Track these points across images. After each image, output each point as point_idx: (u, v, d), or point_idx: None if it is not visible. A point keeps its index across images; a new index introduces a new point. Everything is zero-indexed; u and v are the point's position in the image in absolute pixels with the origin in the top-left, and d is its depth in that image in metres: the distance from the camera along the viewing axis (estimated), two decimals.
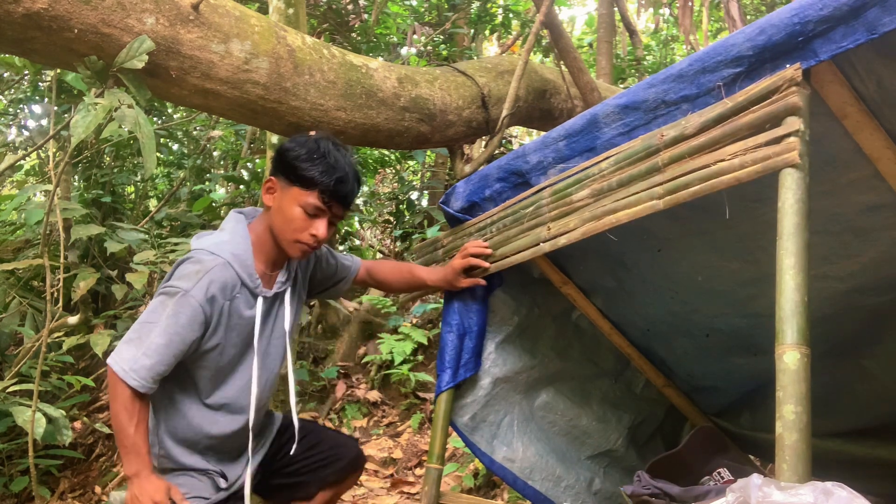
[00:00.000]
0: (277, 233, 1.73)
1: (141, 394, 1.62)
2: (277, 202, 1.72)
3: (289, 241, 1.71)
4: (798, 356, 1.07)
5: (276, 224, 1.72)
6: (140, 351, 1.60)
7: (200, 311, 1.63)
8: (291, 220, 1.69)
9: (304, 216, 1.69)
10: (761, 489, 0.91)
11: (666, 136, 1.38)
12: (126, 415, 1.61)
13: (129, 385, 1.60)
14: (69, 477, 4.11)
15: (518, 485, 2.12)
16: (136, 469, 1.61)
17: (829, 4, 1.13)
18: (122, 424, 1.61)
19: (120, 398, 1.61)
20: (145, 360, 1.60)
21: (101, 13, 2.01)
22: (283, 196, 1.71)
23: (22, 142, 5.54)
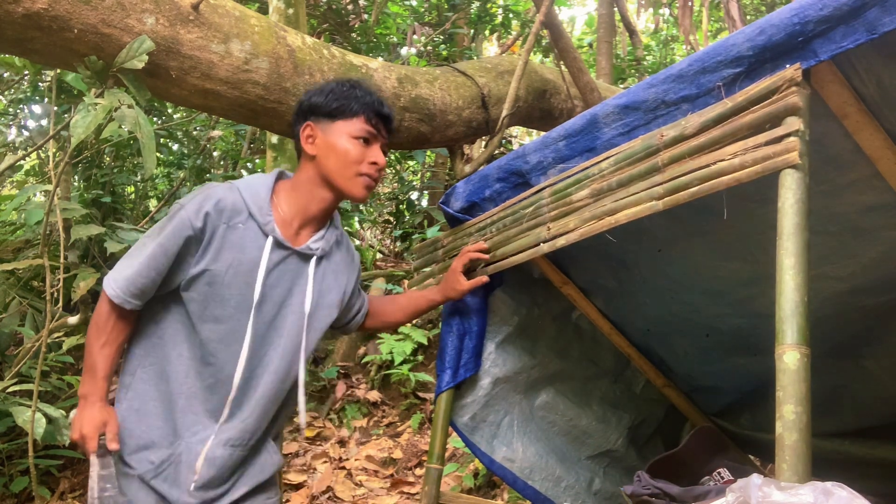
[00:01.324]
0: (334, 175, 1.60)
1: (118, 309, 1.52)
2: (322, 145, 1.61)
3: (350, 177, 1.59)
4: (798, 356, 1.07)
5: (331, 167, 1.60)
6: (125, 264, 1.53)
7: (188, 223, 1.51)
8: (347, 153, 1.59)
9: (359, 145, 1.59)
10: (761, 489, 0.91)
11: (666, 137, 1.38)
12: (95, 330, 1.53)
13: (107, 295, 1.52)
14: (69, 477, 4.11)
15: (518, 485, 2.12)
16: (86, 391, 1.52)
17: (829, 4, 1.13)
18: (90, 340, 1.52)
19: (97, 312, 1.53)
20: (127, 272, 1.51)
21: (101, 13, 2.01)
22: (328, 136, 1.60)
23: (22, 142, 5.54)
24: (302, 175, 1.64)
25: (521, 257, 1.77)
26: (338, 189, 1.62)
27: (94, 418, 1.50)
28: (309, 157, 1.63)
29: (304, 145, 1.63)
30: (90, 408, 1.51)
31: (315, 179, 1.62)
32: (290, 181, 1.65)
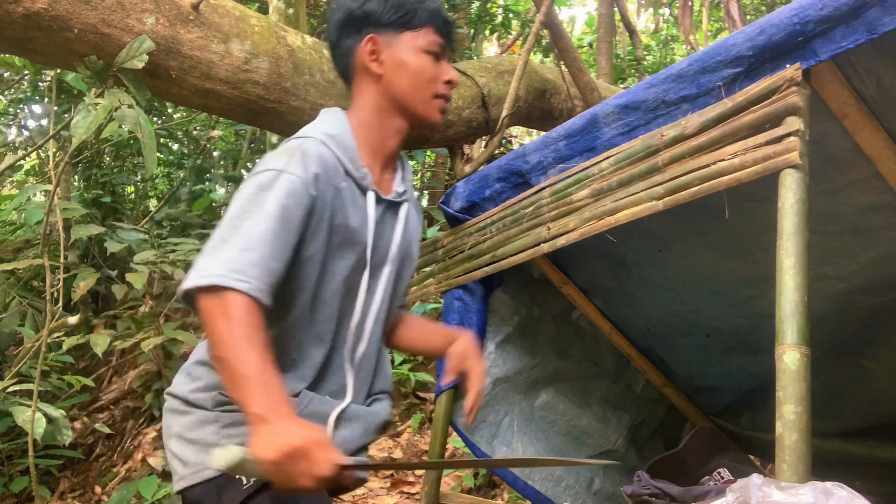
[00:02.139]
0: (408, 98, 1.35)
1: (256, 302, 1.10)
2: (391, 62, 1.34)
3: (426, 99, 1.35)
4: (798, 356, 1.07)
5: (403, 87, 1.34)
6: (237, 247, 1.11)
7: (302, 190, 1.19)
8: (421, 71, 1.34)
9: (432, 61, 1.35)
10: (761, 489, 0.91)
11: (666, 136, 1.38)
12: (241, 333, 1.07)
13: (235, 290, 1.08)
14: (69, 477, 4.11)
15: (518, 485, 2.12)
16: (267, 406, 1.04)
17: (829, 4, 1.13)
18: (236, 349, 1.07)
19: (223, 317, 1.08)
20: (249, 255, 1.11)
21: (101, 13, 2.01)
22: (397, 50, 1.34)
23: (22, 142, 5.54)
24: (367, 104, 1.37)
25: (521, 257, 1.77)
26: (414, 115, 1.36)
27: (309, 436, 1.03)
28: (372, 80, 1.35)
29: (368, 63, 1.34)
30: (286, 425, 1.03)
31: (385, 107, 1.36)
32: (355, 116, 1.37)
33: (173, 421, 1.29)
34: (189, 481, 1.22)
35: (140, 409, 4.38)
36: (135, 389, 4.44)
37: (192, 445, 1.24)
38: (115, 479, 3.96)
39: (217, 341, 1.09)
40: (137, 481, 3.10)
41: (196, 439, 1.24)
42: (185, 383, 1.30)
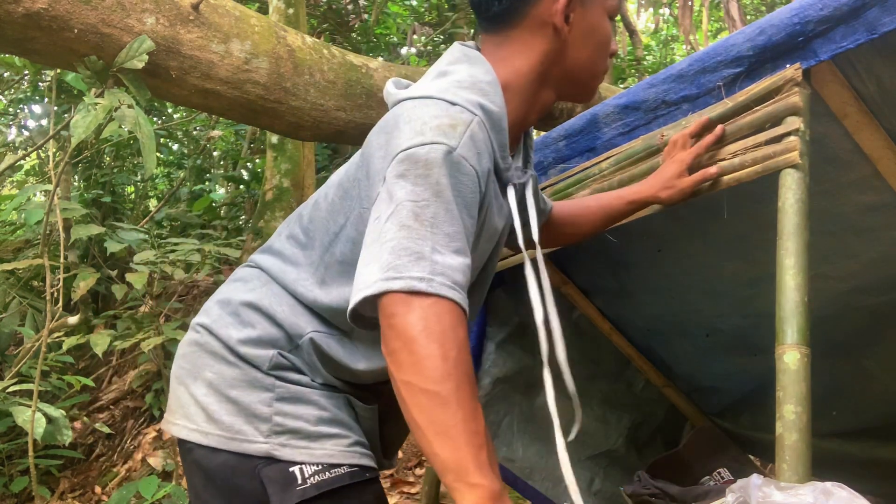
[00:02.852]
0: (584, 65, 1.12)
1: (462, 312, 0.86)
2: (580, 23, 1.09)
3: (601, 72, 1.14)
4: (798, 356, 1.07)
5: (584, 56, 1.11)
6: (420, 245, 0.86)
7: (478, 187, 0.96)
8: (607, 41, 1.13)
9: (610, 28, 1.14)
10: (761, 489, 0.91)
11: (666, 136, 1.38)
12: (461, 362, 0.83)
13: (447, 298, 0.84)
14: (69, 477, 4.11)
15: (518, 485, 2.12)
16: (491, 478, 0.79)
17: (829, 4, 1.13)
18: (457, 387, 0.81)
19: (436, 336, 0.82)
20: (439, 257, 0.86)
21: (101, 13, 2.01)
22: (589, 11, 1.10)
23: (22, 142, 5.54)
24: (529, 67, 1.09)
25: (521, 257, 1.77)
26: (578, 87, 1.15)
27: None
28: (549, 40, 1.09)
29: (558, 20, 1.08)
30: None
31: (550, 74, 1.11)
32: (504, 78, 1.08)
33: (208, 364, 1.08)
34: (214, 442, 1.04)
35: (140, 409, 4.38)
36: (135, 389, 4.44)
37: (230, 405, 1.05)
38: (115, 479, 3.96)
39: (428, 370, 0.80)
40: (137, 481, 3.10)
41: (238, 400, 1.05)
42: (231, 326, 1.09)
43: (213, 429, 1.05)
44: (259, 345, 1.07)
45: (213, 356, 1.09)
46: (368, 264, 0.87)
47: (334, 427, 1.08)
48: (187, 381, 1.10)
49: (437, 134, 0.93)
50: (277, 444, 1.03)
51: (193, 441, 1.06)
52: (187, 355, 1.13)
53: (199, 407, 1.07)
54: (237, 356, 1.07)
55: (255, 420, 1.04)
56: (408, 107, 1.00)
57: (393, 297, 0.84)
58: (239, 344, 1.08)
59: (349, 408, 1.13)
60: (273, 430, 1.04)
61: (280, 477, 1.02)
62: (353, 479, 1.04)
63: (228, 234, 5.44)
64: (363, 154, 1.08)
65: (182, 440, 1.09)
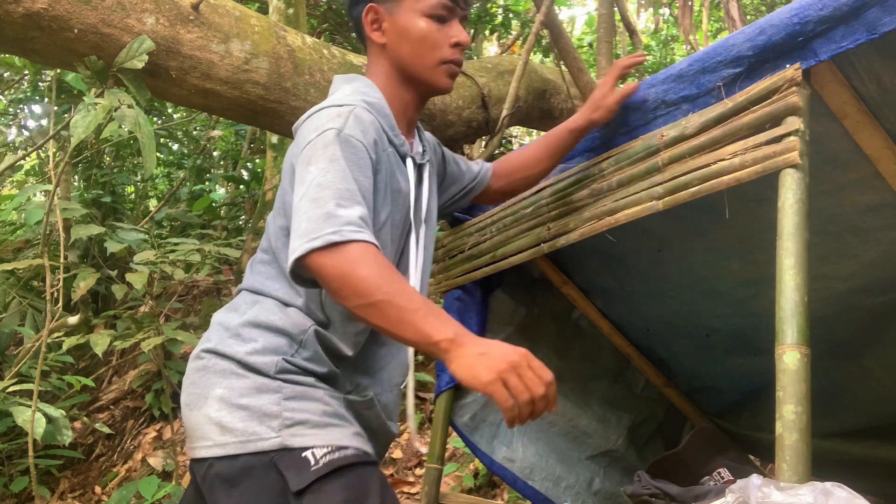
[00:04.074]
0: (411, 65, 1.32)
1: (373, 245, 1.07)
2: (392, 30, 1.32)
3: (430, 66, 1.32)
4: (798, 356, 1.07)
5: (405, 55, 1.32)
6: (327, 207, 1.07)
7: (366, 154, 1.18)
8: (422, 37, 1.30)
9: (435, 25, 1.31)
10: (761, 489, 0.91)
11: (666, 136, 1.38)
12: (389, 272, 1.04)
13: (359, 241, 1.05)
14: (69, 477, 4.11)
15: (518, 485, 2.12)
16: (454, 331, 1.01)
17: (829, 4, 1.13)
18: (393, 286, 1.02)
19: (362, 265, 1.03)
20: (343, 211, 1.07)
21: (101, 13, 2.01)
22: (397, 18, 1.32)
23: (22, 142, 5.54)
24: (379, 74, 1.35)
25: (521, 257, 1.77)
26: (420, 83, 1.34)
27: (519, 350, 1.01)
28: (378, 50, 1.35)
29: (371, 34, 1.34)
30: (487, 343, 1.02)
31: (393, 76, 1.34)
32: (376, 84, 1.35)
33: (217, 382, 1.17)
34: (231, 450, 1.12)
35: (140, 409, 4.38)
36: (135, 389, 4.44)
37: (243, 411, 1.13)
38: (115, 479, 3.97)
39: (366, 288, 1.01)
40: (137, 481, 3.10)
41: (250, 406, 1.14)
42: (236, 344, 1.19)
43: (229, 438, 1.13)
44: (265, 353, 1.18)
45: (222, 374, 1.18)
46: (295, 236, 1.08)
47: (338, 419, 1.18)
48: (198, 405, 1.18)
49: (328, 123, 1.17)
50: (288, 434, 1.12)
51: (213, 456, 1.13)
52: (196, 381, 1.21)
53: (213, 424, 1.15)
54: (245, 367, 1.17)
55: (267, 419, 1.13)
56: (309, 121, 1.23)
57: (318, 254, 1.05)
58: (246, 356, 1.18)
59: (349, 407, 1.25)
60: (283, 423, 1.13)
61: (295, 462, 1.10)
62: (359, 459, 1.14)
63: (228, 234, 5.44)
64: (284, 171, 1.29)
65: (199, 460, 1.16)
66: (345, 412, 1.21)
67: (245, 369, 1.17)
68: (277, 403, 1.14)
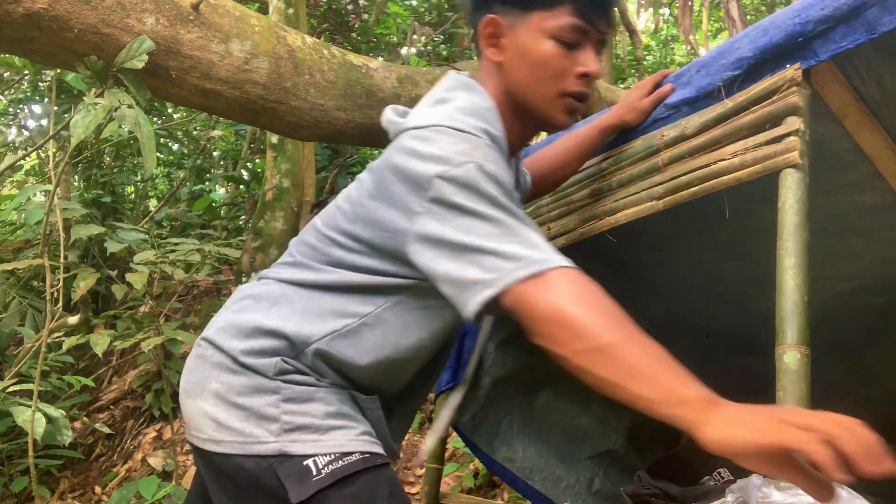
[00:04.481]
0: (526, 92, 1.16)
1: (579, 272, 0.94)
2: (511, 48, 1.15)
3: (548, 97, 1.15)
4: (798, 356, 1.07)
5: (521, 80, 1.15)
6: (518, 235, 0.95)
7: (508, 191, 1.03)
8: (544, 62, 1.13)
9: (561, 50, 1.13)
10: (761, 489, 0.91)
11: (666, 137, 1.38)
12: (613, 309, 0.88)
13: (558, 268, 0.90)
14: (69, 477, 4.11)
15: (518, 485, 2.12)
16: (702, 388, 0.84)
17: (829, 4, 1.13)
18: (621, 331, 0.85)
19: (579, 301, 0.87)
20: (536, 238, 0.96)
21: (101, 13, 2.01)
22: (519, 35, 1.15)
23: (22, 142, 5.54)
24: (490, 92, 1.18)
25: None
26: (533, 114, 1.18)
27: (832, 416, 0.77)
28: (493, 68, 1.19)
29: (487, 50, 1.18)
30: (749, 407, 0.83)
31: (505, 100, 1.18)
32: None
33: (214, 375, 1.11)
34: (229, 449, 1.07)
35: (140, 409, 4.38)
36: (135, 389, 4.44)
37: (240, 411, 1.08)
38: (115, 479, 3.96)
39: (589, 329, 0.84)
40: (137, 481, 3.10)
41: (247, 406, 1.08)
42: (234, 339, 1.12)
43: (226, 436, 1.07)
44: (262, 355, 1.10)
45: (218, 367, 1.12)
46: (479, 271, 0.93)
47: (342, 420, 1.10)
48: (194, 394, 1.13)
49: (463, 156, 1.00)
50: (288, 440, 1.06)
51: (208, 449, 1.09)
52: (193, 369, 1.16)
53: (208, 418, 1.09)
54: (241, 365, 1.10)
55: (265, 422, 1.06)
56: (420, 136, 1.05)
57: (518, 289, 0.89)
58: (242, 354, 1.10)
59: (353, 402, 1.15)
60: (283, 428, 1.06)
61: (295, 471, 1.03)
62: (365, 464, 1.06)
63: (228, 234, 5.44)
64: (377, 182, 1.11)
65: (201, 449, 1.12)
66: (349, 409, 1.13)
67: (240, 367, 1.10)
68: (276, 405, 1.08)
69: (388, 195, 1.06)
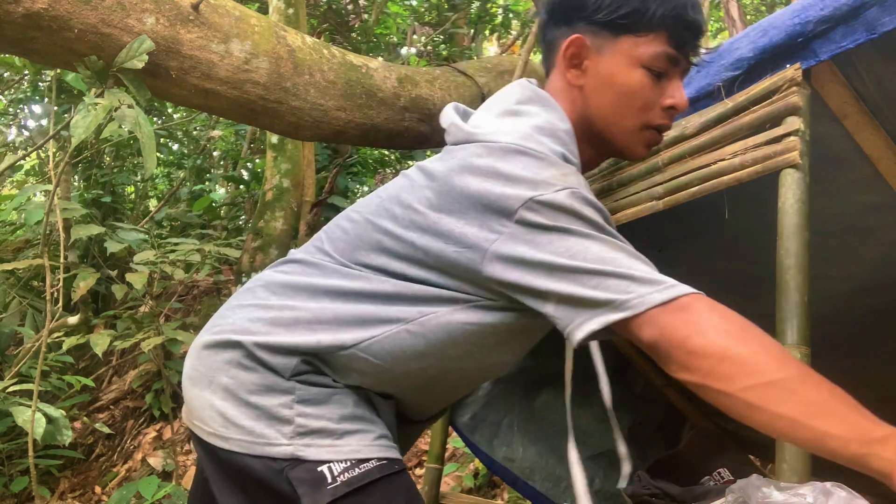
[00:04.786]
0: (606, 120, 1.08)
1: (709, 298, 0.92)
2: (594, 72, 1.07)
3: (630, 128, 1.08)
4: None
5: (603, 108, 1.08)
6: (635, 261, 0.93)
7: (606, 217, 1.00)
8: (633, 92, 1.05)
9: (651, 80, 1.05)
10: (761, 489, 0.91)
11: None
12: (768, 340, 0.84)
13: (692, 293, 0.90)
14: (69, 477, 4.11)
15: (518, 485, 2.12)
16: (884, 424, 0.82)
17: (829, 4, 1.13)
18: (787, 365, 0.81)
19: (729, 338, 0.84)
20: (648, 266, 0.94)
21: (101, 13, 2.01)
22: (605, 59, 1.06)
23: (22, 142, 5.54)
24: (566, 113, 1.10)
25: None
26: (610, 143, 1.11)
27: None
28: (571, 89, 1.10)
29: (568, 71, 1.09)
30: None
31: (579, 124, 1.10)
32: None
33: (224, 369, 1.06)
34: (236, 447, 1.02)
35: (140, 409, 4.38)
36: (135, 389, 4.44)
37: (250, 409, 1.03)
38: (115, 479, 3.97)
39: (753, 366, 0.79)
40: (137, 481, 3.10)
41: (258, 405, 1.02)
42: (248, 332, 1.06)
43: (233, 433, 1.03)
44: (277, 352, 1.04)
45: (230, 362, 1.06)
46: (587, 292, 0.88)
47: (358, 423, 1.05)
48: (201, 385, 1.08)
49: (557, 181, 0.95)
50: (301, 444, 1.01)
51: (213, 444, 1.04)
52: (202, 358, 1.10)
53: (215, 412, 1.04)
54: (255, 360, 1.05)
55: (277, 423, 1.02)
56: (497, 152, 0.99)
57: (659, 316, 0.85)
58: (257, 349, 1.05)
59: (369, 403, 1.10)
60: (296, 431, 1.02)
61: (309, 477, 0.99)
62: (382, 472, 1.02)
63: (228, 234, 5.44)
64: (442, 193, 1.03)
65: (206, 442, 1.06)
66: (365, 411, 1.08)
67: (255, 362, 1.04)
68: (290, 406, 1.02)
69: (459, 211, 0.99)
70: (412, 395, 1.13)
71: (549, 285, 0.92)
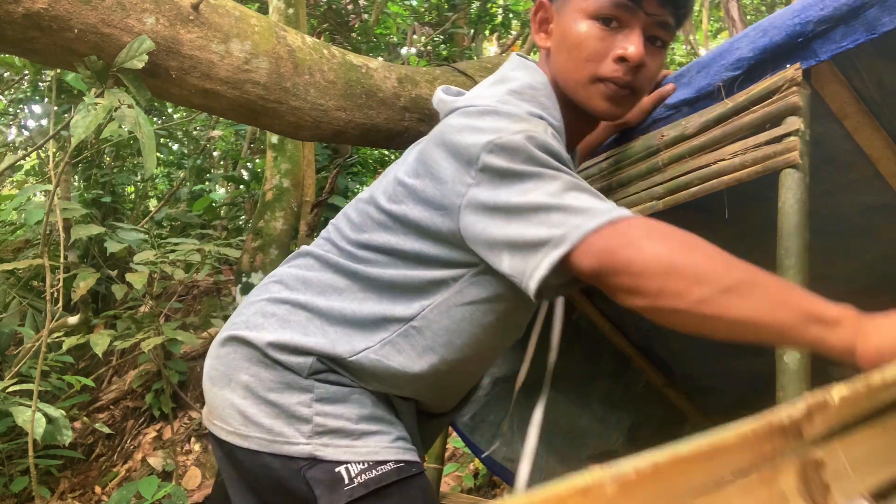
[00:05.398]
0: (565, 80, 1.09)
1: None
2: (557, 32, 1.10)
3: (581, 82, 1.07)
4: (798, 356, 1.07)
5: (559, 66, 1.09)
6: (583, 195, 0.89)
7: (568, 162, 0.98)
8: (579, 43, 1.05)
9: (599, 32, 1.04)
10: None
11: (666, 137, 1.38)
12: (703, 243, 0.86)
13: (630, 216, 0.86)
14: (69, 477, 4.11)
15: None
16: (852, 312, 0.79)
17: (829, 4, 1.13)
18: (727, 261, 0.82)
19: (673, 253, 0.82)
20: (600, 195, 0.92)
21: (101, 13, 2.01)
22: (563, 17, 1.08)
23: (22, 142, 5.54)
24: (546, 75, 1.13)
25: None
26: (574, 102, 1.10)
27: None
28: (544, 55, 1.14)
29: (537, 36, 1.14)
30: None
31: (556, 87, 1.12)
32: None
33: (243, 367, 1.06)
34: (254, 445, 1.03)
35: (140, 409, 4.38)
36: (135, 389, 4.44)
37: (270, 407, 1.03)
38: (115, 479, 3.96)
39: (703, 276, 0.78)
40: (137, 481, 3.10)
41: (277, 402, 1.03)
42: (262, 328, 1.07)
43: (253, 431, 1.03)
44: (293, 351, 1.05)
45: (248, 359, 1.07)
46: (544, 230, 0.86)
47: (376, 424, 1.05)
48: (221, 384, 1.08)
49: (520, 127, 0.96)
50: (320, 444, 1.01)
51: (233, 443, 1.05)
52: (221, 356, 1.11)
53: (235, 410, 1.05)
54: (272, 360, 1.05)
55: (296, 421, 1.02)
56: (470, 113, 1.01)
57: (597, 243, 0.81)
58: (270, 349, 1.05)
59: (388, 404, 1.10)
60: (315, 430, 1.02)
61: (326, 478, 0.99)
62: (399, 475, 1.02)
63: (228, 234, 5.44)
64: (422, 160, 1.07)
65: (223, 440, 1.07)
66: (384, 412, 1.08)
67: (272, 361, 1.05)
68: (309, 405, 1.02)
69: (436, 172, 1.01)
70: (429, 393, 1.14)
71: (502, 231, 0.91)
